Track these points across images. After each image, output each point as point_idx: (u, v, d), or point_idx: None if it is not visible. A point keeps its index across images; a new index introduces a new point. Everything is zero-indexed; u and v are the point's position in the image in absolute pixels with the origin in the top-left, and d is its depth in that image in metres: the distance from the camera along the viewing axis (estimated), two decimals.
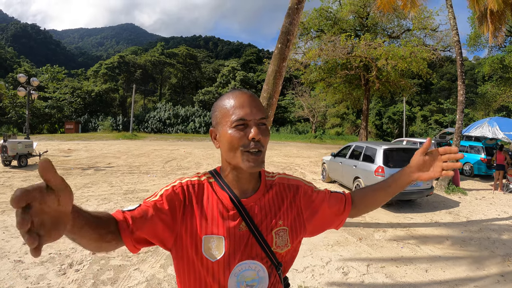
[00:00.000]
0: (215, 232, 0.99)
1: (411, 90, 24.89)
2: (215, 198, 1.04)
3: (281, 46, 5.32)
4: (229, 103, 1.00)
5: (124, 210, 0.97)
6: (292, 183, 1.15)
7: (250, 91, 1.05)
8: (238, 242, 1.00)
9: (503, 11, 10.40)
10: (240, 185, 1.05)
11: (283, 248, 1.06)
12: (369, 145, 8.64)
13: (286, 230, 1.07)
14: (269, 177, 1.15)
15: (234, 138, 0.97)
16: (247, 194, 1.06)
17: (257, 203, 1.05)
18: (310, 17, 21.24)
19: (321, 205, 1.15)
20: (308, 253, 4.88)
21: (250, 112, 0.98)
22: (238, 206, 1.02)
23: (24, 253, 4.47)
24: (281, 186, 1.13)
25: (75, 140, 27.23)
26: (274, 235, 1.04)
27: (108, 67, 50.29)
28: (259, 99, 1.04)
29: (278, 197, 1.10)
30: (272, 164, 14.95)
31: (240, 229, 1.01)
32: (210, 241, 0.99)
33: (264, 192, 1.09)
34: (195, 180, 1.07)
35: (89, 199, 7.68)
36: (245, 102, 0.99)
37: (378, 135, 45.17)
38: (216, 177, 1.09)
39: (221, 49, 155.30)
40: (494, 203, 8.97)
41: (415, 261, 4.79)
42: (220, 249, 0.98)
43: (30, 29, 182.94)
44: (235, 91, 1.04)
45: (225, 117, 0.99)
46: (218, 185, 1.06)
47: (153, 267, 4.20)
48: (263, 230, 1.03)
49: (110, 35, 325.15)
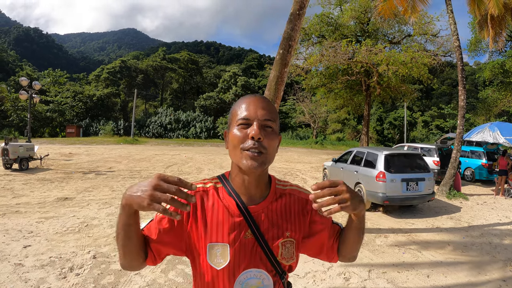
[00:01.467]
0: (220, 240, 0.99)
1: (412, 96, 24.92)
2: (221, 204, 1.02)
3: (282, 52, 5.34)
4: (239, 105, 1.01)
5: (142, 227, 1.04)
6: (303, 197, 1.12)
7: (264, 96, 1.06)
8: (243, 250, 0.99)
9: (504, 16, 10.44)
10: (247, 190, 1.03)
11: (289, 261, 1.05)
12: (370, 151, 8.64)
13: (293, 242, 1.06)
14: (280, 186, 1.12)
15: (235, 136, 0.96)
16: (255, 200, 1.04)
17: (264, 211, 1.04)
18: (311, 23, 21.34)
19: (321, 231, 1.11)
20: (310, 259, 4.86)
21: (255, 112, 0.97)
22: (244, 213, 1.01)
23: (25, 256, 4.47)
24: (292, 197, 1.10)
25: (76, 144, 27.28)
26: (280, 246, 1.03)
27: (109, 72, 50.53)
28: (271, 103, 1.03)
29: (287, 208, 1.08)
30: (273, 170, 14.93)
31: (246, 236, 1.00)
32: (214, 249, 0.99)
33: (272, 200, 1.06)
34: (200, 187, 1.06)
35: (90, 203, 7.68)
36: (252, 102, 0.99)
37: (379, 140, 45.12)
38: (224, 182, 1.07)
39: (223, 55, 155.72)
40: (496, 208, 8.94)
41: (417, 266, 4.77)
42: (225, 257, 0.98)
43: (32, 32, 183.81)
44: (249, 94, 1.05)
45: (233, 118, 1.00)
46: (225, 190, 1.05)
47: (154, 271, 4.19)
48: (269, 239, 1.02)
49: (112, 40, 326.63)
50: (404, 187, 7.49)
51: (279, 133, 1.07)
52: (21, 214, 6.58)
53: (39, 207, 7.18)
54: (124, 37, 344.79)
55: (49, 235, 5.40)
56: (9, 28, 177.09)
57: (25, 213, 6.63)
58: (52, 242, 5.09)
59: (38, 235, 5.35)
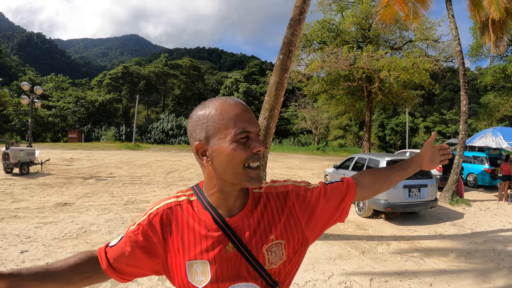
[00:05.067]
0: (198, 257, 0.92)
1: (414, 101, 24.90)
2: (197, 219, 0.95)
3: (283, 57, 5.32)
4: (226, 114, 0.89)
5: (110, 245, 1.02)
6: (281, 190, 1.05)
7: (239, 99, 0.97)
8: (225, 265, 0.92)
9: (505, 20, 10.41)
10: (226, 203, 0.96)
11: (278, 262, 0.97)
12: (372, 157, 8.58)
13: (281, 243, 0.98)
14: (257, 189, 1.04)
15: (238, 153, 0.87)
16: (233, 212, 0.97)
17: (244, 221, 0.96)
18: (312, 29, 21.38)
19: (317, 203, 1.04)
20: (310, 267, 4.78)
21: (252, 124, 0.90)
22: (223, 226, 0.94)
23: (21, 262, 4.42)
24: (269, 196, 1.03)
25: (78, 149, 27.31)
26: (266, 252, 0.95)
27: (112, 78, 50.80)
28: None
29: (267, 209, 1.00)
30: (275, 176, 14.87)
31: (227, 250, 0.93)
32: (194, 267, 0.92)
33: (251, 207, 0.99)
34: (173, 201, 0.99)
35: (89, 208, 7.63)
36: (244, 112, 0.91)
37: (381, 146, 45.02)
38: (198, 194, 1.00)
39: (225, 61, 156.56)
40: (499, 214, 8.84)
41: (420, 275, 4.68)
42: (206, 275, 0.91)
43: (35, 38, 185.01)
44: (227, 99, 0.93)
45: (223, 130, 0.88)
46: (200, 204, 0.97)
47: (151, 279, 4.12)
48: (253, 248, 0.94)
49: (114, 46, 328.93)
50: (406, 194, 7.41)
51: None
52: (20, 218, 6.54)
53: (38, 212, 7.14)
54: (126, 43, 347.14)
55: (47, 240, 5.35)
56: (13, 33, 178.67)
57: (24, 218, 6.58)
58: (50, 247, 5.04)
59: (35, 240, 5.30)
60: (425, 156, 1.24)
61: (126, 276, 1.01)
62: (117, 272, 0.99)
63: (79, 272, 0.98)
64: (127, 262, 0.97)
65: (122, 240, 1.00)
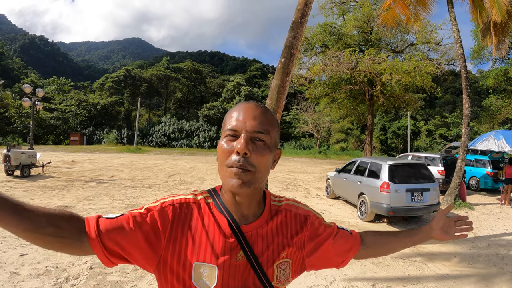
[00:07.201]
0: (208, 260, 0.88)
1: (416, 105, 24.86)
2: (213, 221, 0.92)
3: (284, 61, 5.30)
4: (230, 114, 0.90)
5: (104, 216, 0.89)
6: (301, 212, 1.03)
7: (260, 104, 0.93)
8: (233, 273, 0.89)
9: (507, 23, 10.37)
10: (239, 208, 0.93)
11: (285, 283, 0.96)
12: (374, 161, 8.53)
13: (288, 262, 0.96)
14: (275, 202, 1.02)
15: (221, 150, 0.87)
16: (248, 219, 0.94)
17: (258, 231, 0.94)
18: (314, 33, 21.39)
19: (325, 240, 1.03)
20: (312, 272, 4.73)
21: (244, 122, 0.86)
22: (237, 232, 0.91)
23: (21, 265, 4.39)
24: (288, 214, 1.01)
25: (80, 152, 27.33)
26: (276, 269, 0.93)
27: (114, 81, 50.95)
28: (268, 112, 0.92)
29: (283, 226, 0.98)
30: (276, 180, 14.83)
31: (237, 258, 0.90)
32: (201, 269, 0.88)
33: (267, 218, 0.97)
34: (190, 198, 0.95)
35: (90, 212, 7.61)
36: (243, 111, 0.88)
37: (383, 150, 44.96)
38: (214, 197, 0.97)
39: (226, 64, 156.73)
40: (502, 218, 8.79)
41: (422, 280, 4.63)
42: (212, 279, 0.87)
43: (38, 40, 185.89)
44: (243, 102, 0.93)
45: (223, 127, 0.90)
46: (216, 207, 0.94)
47: (151, 284, 4.10)
48: (264, 262, 0.92)
49: (116, 49, 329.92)
50: (409, 198, 7.37)
51: (278, 147, 0.95)
52: None
53: None
54: (128, 46, 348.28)
55: None
56: (15, 36, 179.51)
57: None
58: (49, 251, 5.01)
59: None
60: (435, 226, 1.16)
61: (112, 257, 0.87)
62: (105, 247, 0.85)
63: (53, 223, 0.80)
64: (122, 239, 0.86)
65: (123, 217, 0.90)
